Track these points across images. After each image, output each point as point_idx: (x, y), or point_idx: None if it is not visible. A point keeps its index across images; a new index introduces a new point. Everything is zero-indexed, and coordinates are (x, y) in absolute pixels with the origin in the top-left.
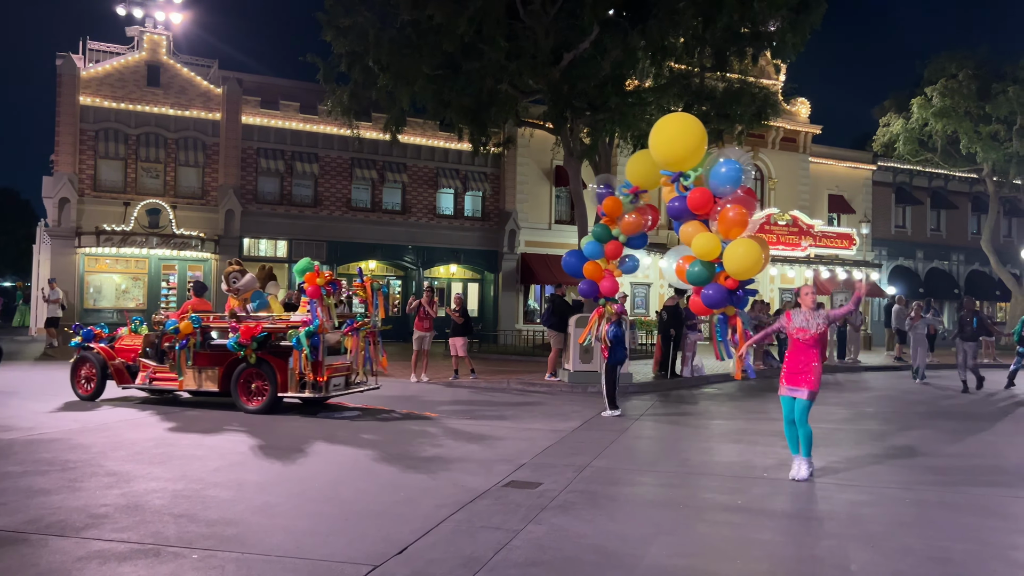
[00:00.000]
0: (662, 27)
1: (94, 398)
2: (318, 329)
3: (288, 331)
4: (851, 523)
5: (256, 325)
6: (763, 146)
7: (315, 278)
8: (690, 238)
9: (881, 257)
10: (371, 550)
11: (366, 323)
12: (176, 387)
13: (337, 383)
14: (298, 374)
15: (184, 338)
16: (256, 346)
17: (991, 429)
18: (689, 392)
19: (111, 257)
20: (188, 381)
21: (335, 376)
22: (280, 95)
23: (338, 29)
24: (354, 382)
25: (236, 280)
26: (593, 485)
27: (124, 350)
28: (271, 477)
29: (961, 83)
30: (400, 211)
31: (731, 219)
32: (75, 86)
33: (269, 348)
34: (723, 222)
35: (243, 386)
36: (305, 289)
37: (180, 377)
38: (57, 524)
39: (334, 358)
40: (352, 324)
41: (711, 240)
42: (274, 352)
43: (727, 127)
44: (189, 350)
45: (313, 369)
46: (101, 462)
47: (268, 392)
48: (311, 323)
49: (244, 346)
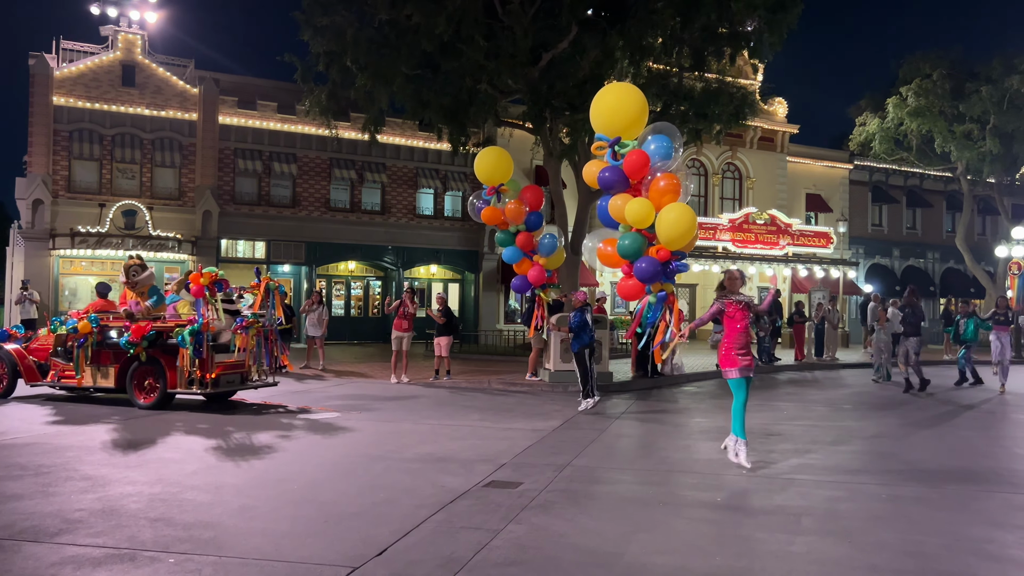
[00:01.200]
0: (640, 27)
1: (5, 396)
2: (202, 328)
3: (175, 330)
4: (828, 518)
5: (147, 324)
6: (741, 145)
7: (199, 278)
8: (621, 210)
9: (858, 255)
10: (350, 552)
11: (255, 322)
12: (76, 383)
13: (231, 379)
14: (186, 371)
15: (83, 337)
16: (147, 344)
17: (966, 425)
18: (669, 390)
19: (86, 259)
20: (87, 378)
21: (228, 374)
22: (258, 95)
23: (316, 28)
24: (252, 379)
25: (136, 274)
26: (574, 484)
27: (38, 350)
28: (249, 479)
29: (935, 83)
30: (380, 211)
31: (663, 187)
32: (48, 86)
33: (159, 346)
34: (655, 190)
35: (137, 383)
36: (190, 289)
37: (78, 375)
38: (30, 530)
39: (224, 356)
40: (241, 323)
41: (644, 205)
42: (164, 350)
43: (705, 126)
44: (87, 348)
45: (201, 366)
46: (76, 466)
47: (160, 388)
48: (196, 322)
49: (135, 344)
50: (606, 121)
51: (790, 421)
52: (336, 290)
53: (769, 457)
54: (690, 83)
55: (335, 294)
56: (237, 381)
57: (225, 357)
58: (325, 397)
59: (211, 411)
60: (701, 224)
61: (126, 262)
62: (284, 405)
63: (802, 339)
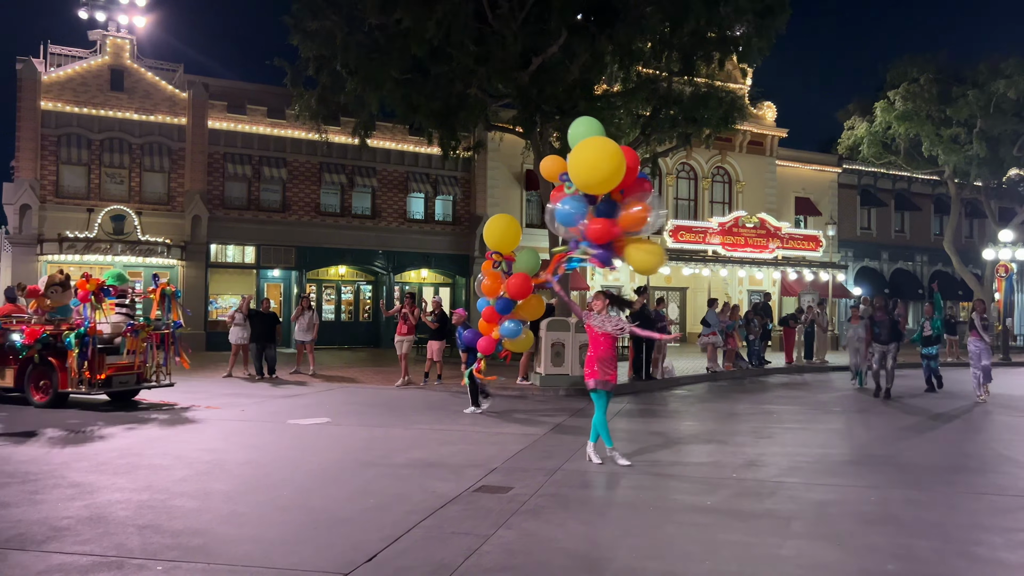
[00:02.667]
0: (629, 31)
1: None
2: (88, 331)
3: (64, 333)
4: (818, 522)
5: (40, 328)
6: (731, 149)
7: (85, 284)
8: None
9: (847, 258)
10: (340, 558)
11: (145, 326)
12: None
13: (124, 380)
14: (75, 372)
15: None
16: (40, 347)
17: (953, 428)
18: (660, 394)
19: (75, 264)
20: None
21: (121, 374)
22: (247, 99)
23: (305, 33)
24: (148, 380)
25: (55, 293)
26: (564, 488)
27: None
28: (238, 486)
29: (922, 87)
30: (370, 216)
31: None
32: (36, 90)
33: (52, 349)
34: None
35: (33, 383)
36: (77, 294)
37: None
38: (17, 538)
39: (115, 358)
40: (131, 326)
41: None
42: (56, 352)
43: (695, 131)
44: None
45: (89, 367)
46: (64, 473)
47: (52, 389)
48: (83, 325)
49: (29, 347)
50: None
51: (779, 424)
52: (327, 295)
53: (759, 460)
54: (679, 87)
55: (326, 298)
56: (132, 381)
57: (117, 359)
58: (316, 403)
59: (104, 409)
60: (691, 228)
61: (50, 276)
62: (174, 403)
63: (792, 342)
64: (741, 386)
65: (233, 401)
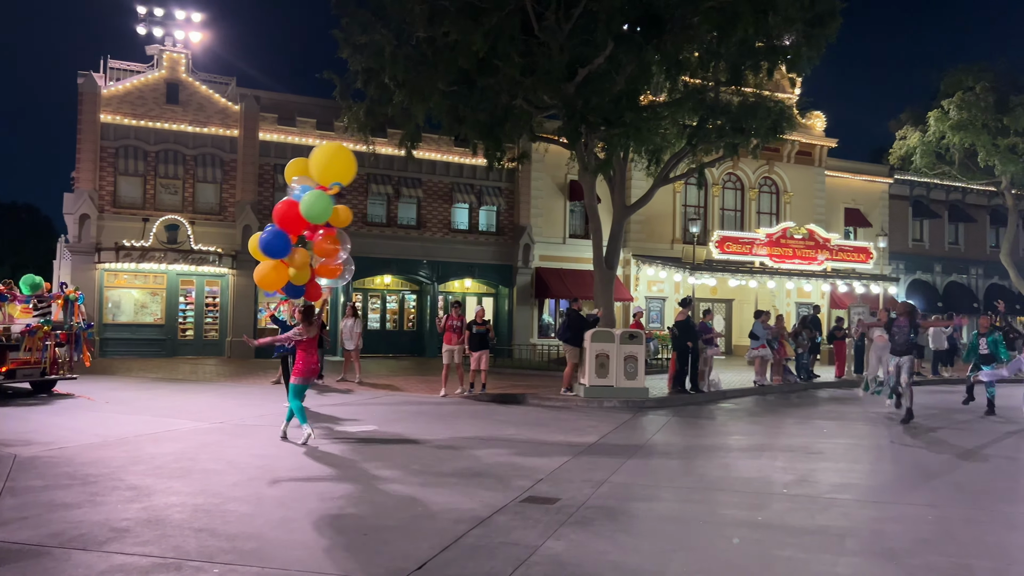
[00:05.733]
0: (677, 42)
1: None
2: None
3: None
4: (873, 539)
5: None
6: (778, 160)
7: None
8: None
9: (899, 271)
10: (390, 566)
11: (41, 327)
12: None
13: (28, 373)
14: None
15: None
16: None
17: (1011, 444)
18: (706, 407)
19: (130, 272)
20: None
21: (25, 368)
22: (297, 112)
23: (354, 46)
24: (55, 374)
25: None
26: (611, 500)
27: None
28: (289, 491)
29: (978, 96)
30: (415, 226)
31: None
32: (96, 104)
33: None
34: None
35: None
36: None
37: None
38: (79, 538)
39: (16, 354)
40: (28, 327)
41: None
42: None
43: (742, 141)
44: None
45: None
46: (122, 476)
47: None
48: None
49: None
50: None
51: (830, 439)
52: (372, 303)
53: (810, 476)
54: (727, 97)
55: (371, 307)
56: (37, 374)
57: (18, 355)
58: (363, 411)
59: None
60: (737, 239)
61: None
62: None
63: (843, 356)
64: (789, 400)
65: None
